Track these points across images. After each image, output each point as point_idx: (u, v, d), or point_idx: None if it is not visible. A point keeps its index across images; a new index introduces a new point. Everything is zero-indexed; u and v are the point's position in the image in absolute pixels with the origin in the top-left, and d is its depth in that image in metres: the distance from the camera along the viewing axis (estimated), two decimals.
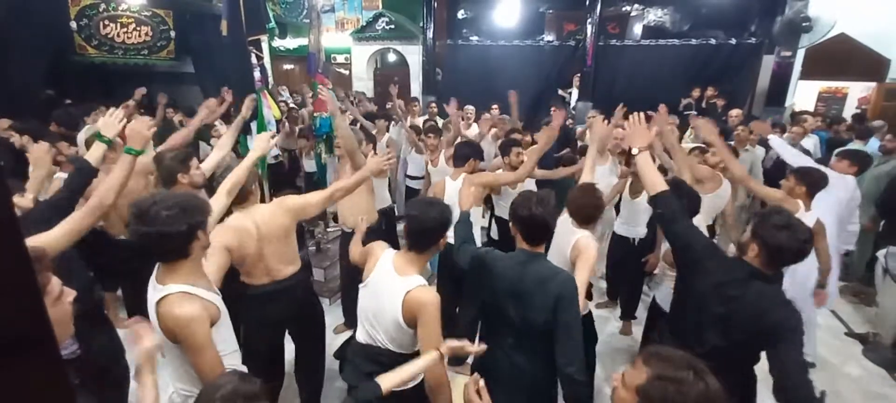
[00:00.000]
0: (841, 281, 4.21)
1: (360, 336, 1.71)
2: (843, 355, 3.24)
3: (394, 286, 1.56)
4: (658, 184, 1.79)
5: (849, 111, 7.98)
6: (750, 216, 3.30)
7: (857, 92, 8.06)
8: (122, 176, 1.89)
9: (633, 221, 3.12)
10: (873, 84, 7.38)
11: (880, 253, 3.24)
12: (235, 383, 1.05)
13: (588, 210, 2.13)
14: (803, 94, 7.69)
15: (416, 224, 1.56)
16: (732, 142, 4.50)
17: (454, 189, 2.86)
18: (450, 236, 2.93)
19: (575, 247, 2.08)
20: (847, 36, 6.74)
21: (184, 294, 1.34)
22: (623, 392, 1.03)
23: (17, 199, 1.97)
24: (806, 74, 7.21)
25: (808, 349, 2.96)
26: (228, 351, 1.48)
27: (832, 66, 7.16)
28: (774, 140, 3.46)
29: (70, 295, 1.03)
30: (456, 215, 2.83)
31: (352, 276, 3.05)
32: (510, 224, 1.73)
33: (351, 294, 3.12)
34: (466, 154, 2.93)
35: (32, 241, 1.39)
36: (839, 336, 3.46)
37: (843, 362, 3.16)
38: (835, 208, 2.88)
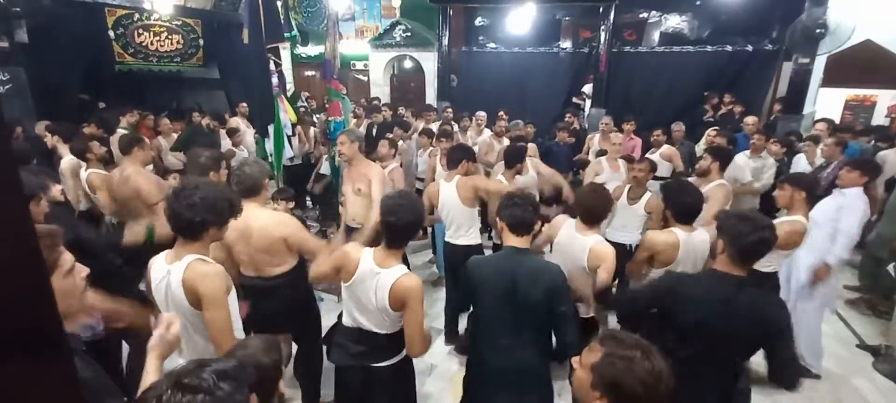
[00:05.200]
0: (856, 291, 4.11)
1: (346, 321, 1.84)
2: (852, 366, 3.16)
3: (380, 278, 1.69)
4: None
5: (878, 120, 7.70)
6: None
7: (886, 100, 7.76)
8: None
9: (629, 227, 3.15)
10: None
11: (891, 266, 3.16)
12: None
13: (597, 210, 2.21)
14: (828, 102, 7.46)
15: (392, 229, 1.70)
16: (748, 150, 4.45)
17: (447, 190, 2.98)
18: (448, 236, 3.06)
19: (594, 255, 2.12)
20: (873, 42, 6.53)
21: (203, 260, 1.56)
22: (580, 372, 1.11)
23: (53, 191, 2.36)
24: (829, 82, 6.99)
25: (813, 361, 2.94)
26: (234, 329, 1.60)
27: (857, 73, 6.92)
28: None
29: (83, 271, 1.13)
30: (452, 215, 2.97)
31: None
32: (497, 218, 1.88)
33: None
34: (459, 157, 3.03)
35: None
36: (850, 348, 3.38)
37: (851, 373, 3.09)
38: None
